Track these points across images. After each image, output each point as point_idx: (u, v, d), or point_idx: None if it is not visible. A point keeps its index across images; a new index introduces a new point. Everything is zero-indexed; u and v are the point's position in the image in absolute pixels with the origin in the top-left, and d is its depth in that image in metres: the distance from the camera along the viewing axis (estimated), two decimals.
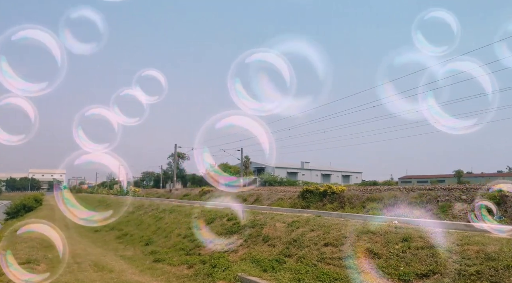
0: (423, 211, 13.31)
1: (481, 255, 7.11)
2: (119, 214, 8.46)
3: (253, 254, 11.04)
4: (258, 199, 24.04)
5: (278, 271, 9.31)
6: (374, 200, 15.52)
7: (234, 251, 12.02)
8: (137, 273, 11.20)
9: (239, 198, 26.45)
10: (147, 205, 27.37)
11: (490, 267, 6.68)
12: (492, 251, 7.12)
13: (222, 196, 29.57)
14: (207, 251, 13.11)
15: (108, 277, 10.55)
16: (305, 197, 19.04)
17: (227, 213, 16.32)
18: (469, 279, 6.60)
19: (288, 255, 10.20)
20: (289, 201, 20.36)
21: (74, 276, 10.69)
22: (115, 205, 36.09)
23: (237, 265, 10.45)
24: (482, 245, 7.51)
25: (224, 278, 9.71)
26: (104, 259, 13.81)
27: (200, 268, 10.95)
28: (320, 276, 8.40)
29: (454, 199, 13.08)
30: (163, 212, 22.52)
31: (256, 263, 10.29)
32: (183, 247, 14.30)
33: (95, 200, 49.35)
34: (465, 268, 6.89)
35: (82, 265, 12.32)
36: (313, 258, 9.43)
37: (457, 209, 12.59)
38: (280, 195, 22.40)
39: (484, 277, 6.51)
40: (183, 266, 11.71)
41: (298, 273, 8.87)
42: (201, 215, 17.81)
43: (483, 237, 8.22)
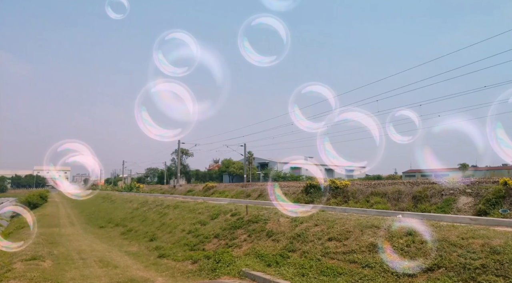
0: (427, 205, 13.27)
1: (486, 249, 7.06)
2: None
3: (257, 249, 11.05)
4: (262, 194, 24.05)
5: (282, 266, 9.32)
6: (378, 195, 15.48)
7: (238, 246, 12.04)
8: (142, 269, 11.26)
9: (242, 194, 26.49)
10: (151, 201, 27.46)
11: (496, 260, 6.63)
12: (498, 244, 7.07)
13: (226, 192, 29.65)
14: (211, 247, 13.15)
15: (113, 273, 10.61)
16: (309, 192, 19.03)
17: (230, 209, 16.34)
18: (474, 273, 6.56)
19: (292, 250, 10.20)
20: (293, 196, 20.36)
21: (79, 272, 10.77)
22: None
23: (241, 260, 10.47)
24: (487, 238, 7.46)
25: (228, 273, 9.74)
26: (109, 255, 13.89)
27: (204, 263, 10.99)
28: (324, 270, 8.40)
29: (459, 193, 13.01)
30: (167, 208, 22.59)
31: (260, 258, 10.31)
32: (187, 243, 14.35)
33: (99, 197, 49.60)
34: (470, 262, 6.85)
35: (88, 261, 12.40)
36: (317, 252, 9.42)
37: (461, 202, 12.52)
38: (284, 190, 22.39)
39: (489, 271, 6.47)
40: (188, 262, 11.76)
41: (302, 267, 8.87)
42: (205, 211, 17.85)
43: (488, 230, 8.17)
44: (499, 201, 11.64)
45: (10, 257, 12.11)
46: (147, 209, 25.31)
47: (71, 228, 25.09)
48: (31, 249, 13.85)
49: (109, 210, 33.41)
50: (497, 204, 11.62)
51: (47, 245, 15.94)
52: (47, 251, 13.87)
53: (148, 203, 27.14)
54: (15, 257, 12.11)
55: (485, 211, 11.58)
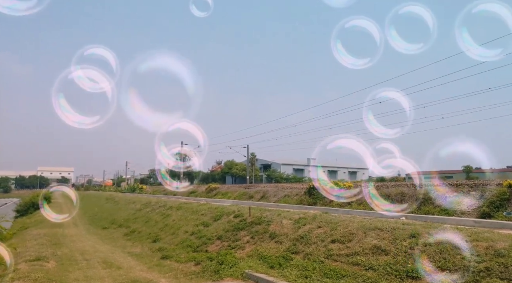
0: (431, 207, 13.23)
1: (491, 252, 7.03)
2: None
3: (260, 251, 11.05)
4: (265, 196, 24.06)
5: (285, 268, 9.31)
6: (381, 197, 15.43)
7: (241, 248, 12.05)
8: (145, 270, 11.28)
9: (245, 195, 26.51)
10: (154, 202, 27.51)
11: (500, 263, 6.61)
12: (502, 247, 7.04)
13: (229, 193, 29.68)
14: (214, 248, 13.16)
15: (116, 274, 10.63)
16: (312, 194, 19.01)
17: (233, 210, 16.35)
18: (478, 276, 6.54)
19: (295, 251, 10.19)
20: (296, 197, 20.35)
21: (83, 272, 10.80)
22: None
23: (244, 262, 10.47)
24: (492, 241, 7.43)
25: (231, 274, 9.75)
26: (112, 256, 13.93)
27: (207, 265, 11.00)
28: (328, 272, 8.39)
29: (463, 195, 12.97)
30: (170, 209, 22.63)
31: (263, 260, 10.31)
32: (190, 244, 14.37)
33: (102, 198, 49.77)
34: (474, 265, 6.82)
35: (91, 262, 12.44)
36: (320, 254, 9.41)
37: (465, 205, 12.48)
38: (287, 191, 22.39)
39: (493, 274, 6.45)
40: (191, 263, 11.78)
41: (305, 269, 8.86)
42: (208, 212, 17.86)
43: (493, 233, 8.13)
44: (503, 204, 11.60)
45: (14, 258, 12.16)
46: (150, 210, 25.36)
47: (75, 229, 25.17)
48: (35, 249, 13.92)
49: (112, 211, 33.51)
50: (501, 207, 11.57)
51: (51, 245, 15.99)
52: (50, 252, 13.92)
53: (151, 204, 27.19)
54: (19, 257, 12.17)
55: (489, 213, 11.54)
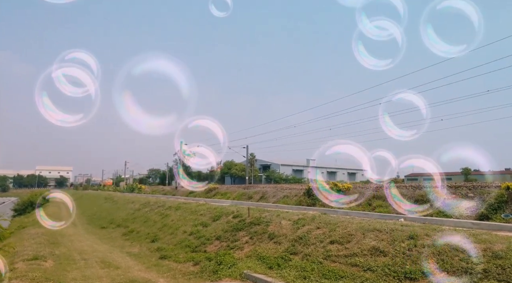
0: (429, 209, 13.24)
1: (488, 254, 7.05)
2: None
3: (259, 251, 11.05)
4: (264, 196, 24.06)
5: (284, 269, 9.32)
6: (380, 198, 15.47)
7: (240, 248, 12.05)
8: (144, 270, 11.27)
9: (244, 196, 26.51)
10: (153, 202, 27.50)
11: (498, 265, 6.63)
12: (500, 249, 7.06)
13: (228, 194, 29.68)
14: (212, 249, 13.15)
15: (114, 273, 10.62)
16: (311, 195, 19.02)
17: (232, 210, 16.35)
18: (476, 278, 6.55)
19: (293, 252, 10.20)
20: (295, 198, 20.36)
21: (81, 272, 10.79)
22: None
23: (242, 262, 10.48)
24: (489, 243, 7.45)
25: (229, 275, 9.75)
26: (110, 255, 13.91)
27: (206, 265, 11.00)
28: (326, 273, 8.40)
29: (461, 197, 13.00)
30: (169, 209, 22.62)
31: (261, 261, 10.31)
32: (188, 244, 14.36)
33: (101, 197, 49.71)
34: (472, 267, 6.84)
35: (89, 262, 12.42)
36: (318, 255, 9.42)
37: (463, 207, 12.50)
38: (286, 192, 22.40)
39: (491, 276, 6.46)
40: (189, 263, 11.77)
41: (304, 270, 8.87)
42: (207, 212, 17.86)
43: (490, 235, 8.16)
44: (501, 206, 11.63)
45: (11, 257, 12.15)
46: (149, 210, 25.34)
47: (73, 228, 25.13)
48: (33, 249, 13.89)
49: (111, 210, 33.47)
50: (499, 209, 11.60)
51: (49, 245, 15.96)
52: (48, 251, 13.89)
53: (150, 204, 27.17)
54: (16, 257, 12.14)
55: (487, 215, 11.57)
